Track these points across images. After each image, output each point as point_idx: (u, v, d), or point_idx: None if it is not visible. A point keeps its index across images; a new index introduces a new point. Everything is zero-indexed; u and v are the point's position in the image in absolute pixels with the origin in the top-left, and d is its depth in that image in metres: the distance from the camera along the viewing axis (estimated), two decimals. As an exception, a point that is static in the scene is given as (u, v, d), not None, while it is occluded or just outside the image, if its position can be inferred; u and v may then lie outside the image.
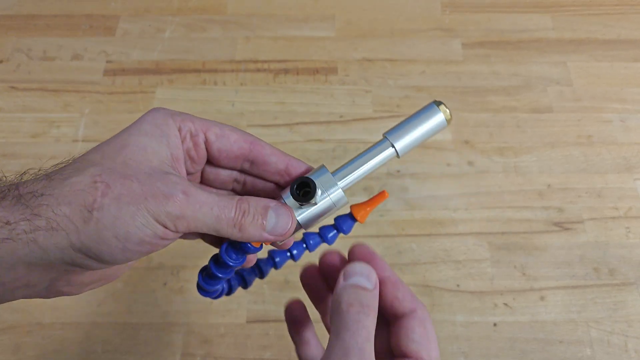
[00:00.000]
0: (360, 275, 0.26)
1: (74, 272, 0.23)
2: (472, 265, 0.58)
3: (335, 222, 0.30)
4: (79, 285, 0.25)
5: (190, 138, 0.27)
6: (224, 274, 0.27)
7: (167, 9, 0.79)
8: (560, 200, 0.62)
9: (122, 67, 0.73)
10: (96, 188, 0.22)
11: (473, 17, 0.78)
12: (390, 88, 0.71)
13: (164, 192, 0.23)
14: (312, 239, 0.31)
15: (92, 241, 0.21)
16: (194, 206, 0.23)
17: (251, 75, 0.72)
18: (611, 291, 0.56)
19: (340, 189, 0.26)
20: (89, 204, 0.21)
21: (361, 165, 0.27)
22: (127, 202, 0.22)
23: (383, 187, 0.63)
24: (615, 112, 0.69)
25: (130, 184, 0.22)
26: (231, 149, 0.27)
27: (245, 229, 0.24)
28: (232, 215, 0.24)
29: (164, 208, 0.22)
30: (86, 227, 0.21)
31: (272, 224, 0.25)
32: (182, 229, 0.23)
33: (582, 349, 0.53)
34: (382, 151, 0.27)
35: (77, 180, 0.22)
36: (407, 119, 0.27)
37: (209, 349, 0.53)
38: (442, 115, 0.26)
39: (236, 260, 0.27)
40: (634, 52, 0.74)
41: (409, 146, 0.27)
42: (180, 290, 0.56)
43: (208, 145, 0.27)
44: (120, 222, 0.21)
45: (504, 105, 0.70)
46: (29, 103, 0.69)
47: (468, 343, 0.54)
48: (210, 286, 0.28)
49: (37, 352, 0.53)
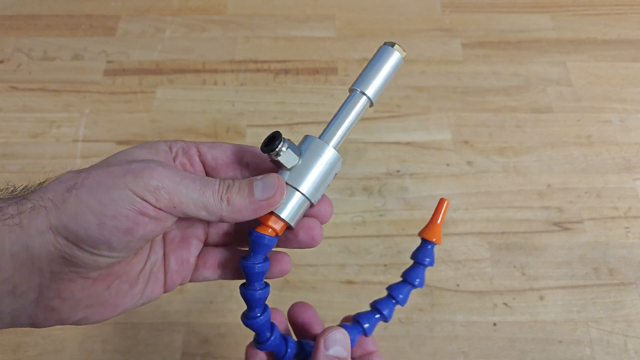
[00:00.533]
0: (339, 345, 0.27)
1: (62, 280, 0.23)
2: (472, 265, 0.58)
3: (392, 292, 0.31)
4: (71, 302, 0.24)
5: (183, 153, 0.27)
6: (252, 287, 0.27)
7: (167, 9, 0.79)
8: (560, 200, 0.62)
9: (123, 67, 0.73)
10: (79, 175, 0.23)
11: (473, 17, 0.78)
12: (390, 88, 0.71)
13: (140, 167, 0.23)
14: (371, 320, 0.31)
15: (68, 217, 0.22)
16: (173, 177, 0.23)
17: (251, 75, 0.72)
18: (611, 291, 0.57)
19: (331, 147, 0.26)
20: (70, 186, 0.22)
21: (343, 122, 0.27)
22: (105, 181, 0.22)
23: (383, 186, 0.63)
24: (615, 112, 0.69)
25: (110, 168, 0.23)
26: (225, 154, 0.28)
27: (233, 201, 0.24)
28: (217, 187, 0.24)
29: (141, 180, 0.22)
30: (64, 205, 0.22)
31: (260, 189, 0.25)
32: (164, 202, 0.23)
33: (582, 348, 0.53)
34: (357, 103, 0.27)
35: (65, 175, 0.23)
36: (367, 67, 0.28)
37: (208, 349, 0.53)
38: (398, 53, 0.27)
39: (256, 262, 0.26)
40: (633, 52, 0.75)
41: (379, 90, 0.27)
42: (180, 290, 0.56)
43: (202, 157, 0.28)
44: (97, 196, 0.22)
45: (504, 105, 0.70)
46: (29, 103, 0.69)
47: (468, 343, 0.54)
48: (251, 316, 0.27)
49: (37, 352, 0.53)
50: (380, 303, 0.30)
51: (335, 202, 0.62)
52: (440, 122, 0.68)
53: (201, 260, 0.29)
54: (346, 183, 0.63)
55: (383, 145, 0.66)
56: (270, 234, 0.26)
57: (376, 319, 0.30)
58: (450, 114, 0.69)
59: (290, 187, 0.26)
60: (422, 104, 0.70)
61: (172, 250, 0.28)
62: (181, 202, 0.23)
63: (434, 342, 0.54)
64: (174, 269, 0.28)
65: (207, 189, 0.24)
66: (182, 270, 0.28)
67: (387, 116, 0.68)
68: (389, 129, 0.67)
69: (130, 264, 0.26)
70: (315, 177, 0.26)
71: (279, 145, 0.25)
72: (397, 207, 0.62)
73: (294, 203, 0.26)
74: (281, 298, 0.55)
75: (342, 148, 0.66)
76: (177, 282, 0.28)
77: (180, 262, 0.28)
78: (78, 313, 0.25)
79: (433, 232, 0.30)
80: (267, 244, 0.26)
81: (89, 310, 0.25)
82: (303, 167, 0.26)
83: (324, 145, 0.26)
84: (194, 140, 0.28)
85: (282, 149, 0.25)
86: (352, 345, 0.29)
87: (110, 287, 0.25)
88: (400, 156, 0.65)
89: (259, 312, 0.27)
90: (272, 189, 0.25)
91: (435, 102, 0.70)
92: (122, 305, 0.26)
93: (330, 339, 0.27)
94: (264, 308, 0.27)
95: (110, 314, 0.26)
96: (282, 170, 0.26)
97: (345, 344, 0.28)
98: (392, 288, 0.30)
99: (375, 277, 0.57)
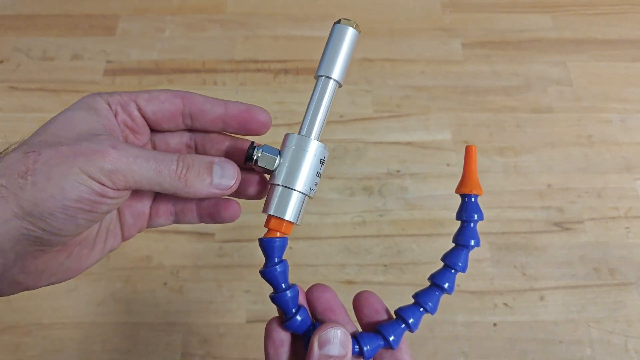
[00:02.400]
0: (334, 343, 0.25)
1: (26, 257, 0.23)
2: (472, 265, 0.58)
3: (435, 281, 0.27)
4: (35, 274, 0.25)
5: (122, 110, 0.27)
6: (280, 289, 0.26)
7: (166, 8, 0.79)
8: (561, 200, 0.62)
9: (122, 67, 0.73)
10: (27, 157, 0.22)
11: (473, 17, 0.78)
12: (390, 88, 0.71)
13: (92, 149, 0.23)
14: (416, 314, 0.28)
15: (31, 205, 0.22)
16: (126, 159, 0.23)
17: (251, 75, 0.72)
18: (611, 291, 0.56)
19: (313, 139, 0.27)
20: (22, 171, 0.22)
21: (318, 111, 0.27)
22: (57, 164, 0.22)
23: (383, 186, 0.63)
24: (615, 112, 0.69)
25: (59, 147, 0.23)
26: (164, 107, 0.27)
27: (191, 183, 0.25)
28: (175, 168, 0.24)
29: (94, 163, 0.22)
30: (23, 193, 0.22)
31: (218, 177, 0.25)
32: (120, 184, 0.23)
33: (582, 348, 0.53)
34: (326, 88, 0.27)
35: (11, 155, 0.23)
36: (326, 51, 0.28)
37: (208, 349, 0.53)
38: (351, 28, 0.27)
39: (275, 265, 0.26)
40: (634, 52, 0.74)
41: (343, 70, 0.27)
42: (180, 290, 0.56)
43: (141, 111, 0.27)
44: (54, 182, 0.22)
45: (504, 105, 0.70)
46: (29, 103, 0.69)
47: (468, 343, 0.54)
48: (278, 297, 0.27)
49: (37, 352, 0.53)
50: (408, 310, 0.27)
51: (335, 202, 0.62)
52: (440, 122, 0.68)
53: (154, 209, 0.30)
54: (346, 183, 0.63)
55: (383, 145, 0.66)
56: (280, 236, 0.27)
57: (402, 329, 0.27)
58: (450, 114, 0.69)
59: (286, 188, 0.26)
60: (422, 104, 0.69)
61: (126, 206, 0.29)
62: (136, 181, 0.23)
63: (434, 342, 0.54)
64: (130, 223, 0.29)
65: (164, 168, 0.24)
66: (137, 222, 0.29)
67: (387, 116, 0.68)
68: (389, 129, 0.67)
69: (87, 231, 0.27)
70: (306, 172, 0.26)
71: (252, 153, 0.26)
72: (397, 207, 0.62)
73: (294, 202, 0.26)
74: (281, 298, 0.55)
75: (342, 148, 0.66)
76: (135, 232, 0.29)
77: (135, 215, 0.29)
78: (42, 281, 0.26)
79: (472, 183, 0.27)
80: (279, 245, 0.26)
81: (53, 277, 0.26)
82: (292, 166, 0.26)
83: (306, 140, 0.26)
84: None
85: (258, 155, 0.26)
86: (369, 356, 0.27)
87: (71, 255, 0.26)
88: (401, 156, 0.65)
89: (295, 311, 0.27)
90: (231, 179, 0.26)
91: (435, 102, 0.70)
92: (85, 266, 0.27)
93: (325, 336, 0.26)
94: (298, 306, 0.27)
95: (74, 275, 0.27)
96: (272, 176, 0.27)
97: (344, 342, 0.26)
98: (435, 276, 0.28)
99: (375, 277, 0.57)
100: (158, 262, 0.58)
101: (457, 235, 0.28)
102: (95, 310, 0.55)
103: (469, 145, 0.28)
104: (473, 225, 0.28)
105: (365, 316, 0.28)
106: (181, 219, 0.30)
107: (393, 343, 0.26)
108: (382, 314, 0.28)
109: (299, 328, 0.27)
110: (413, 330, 0.27)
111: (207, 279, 0.56)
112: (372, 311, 0.28)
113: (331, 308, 0.28)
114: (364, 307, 0.28)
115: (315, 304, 0.28)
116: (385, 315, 0.28)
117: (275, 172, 0.26)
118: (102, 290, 0.56)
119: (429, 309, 0.27)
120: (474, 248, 0.28)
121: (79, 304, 0.55)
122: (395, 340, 0.27)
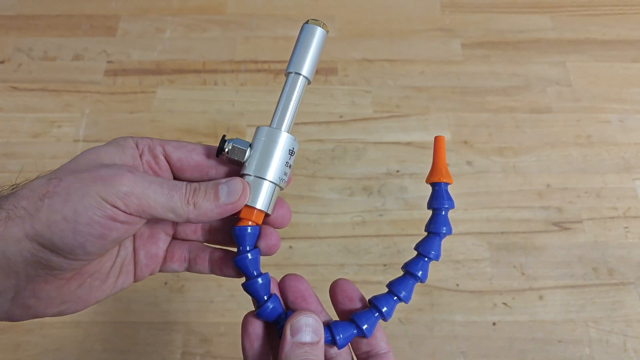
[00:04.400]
0: (306, 330, 0.26)
1: (37, 281, 0.24)
2: (471, 265, 0.58)
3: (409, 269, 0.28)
4: (46, 300, 0.25)
5: (149, 151, 0.28)
6: (251, 276, 0.27)
7: (167, 9, 0.79)
8: (560, 200, 0.62)
9: (123, 67, 0.73)
10: (50, 183, 0.23)
11: (473, 17, 0.78)
12: (390, 88, 0.71)
13: (110, 174, 0.24)
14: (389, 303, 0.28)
15: (43, 226, 0.22)
16: (142, 183, 0.24)
17: (251, 76, 0.72)
18: (610, 291, 0.57)
19: (283, 131, 0.28)
20: (42, 194, 0.23)
21: (288, 105, 0.28)
22: (76, 188, 0.23)
23: (382, 186, 0.63)
24: (614, 112, 0.69)
25: (80, 174, 0.24)
26: (190, 156, 0.28)
27: (199, 204, 0.25)
28: (184, 192, 0.25)
29: (111, 187, 0.23)
30: (38, 214, 0.22)
31: (225, 193, 0.26)
32: (133, 207, 0.24)
33: (581, 348, 0.53)
34: (295, 84, 0.28)
35: (35, 182, 0.24)
36: (296, 49, 0.29)
37: (208, 348, 0.53)
38: (319, 28, 0.29)
39: (247, 252, 0.27)
40: (633, 52, 0.75)
41: (312, 68, 0.29)
42: (180, 289, 0.56)
43: (167, 157, 0.28)
44: (69, 205, 0.23)
45: (504, 105, 0.70)
46: (30, 103, 0.70)
47: (467, 343, 0.54)
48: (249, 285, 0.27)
49: (37, 351, 0.53)
50: (381, 298, 0.28)
51: (335, 202, 0.62)
52: (440, 122, 0.68)
53: (169, 253, 0.30)
54: (346, 183, 0.63)
55: (383, 145, 0.66)
56: (252, 224, 0.27)
57: (375, 317, 0.28)
58: (449, 114, 0.69)
59: (257, 178, 0.27)
60: (422, 104, 0.70)
61: (141, 246, 0.29)
62: (150, 206, 0.24)
63: (433, 342, 0.54)
64: (143, 263, 0.29)
65: (175, 193, 0.25)
66: (151, 264, 0.30)
67: (386, 116, 0.69)
68: (388, 129, 0.68)
69: (101, 262, 0.27)
70: (277, 163, 0.27)
71: (223, 146, 0.27)
72: (396, 207, 0.62)
73: (265, 192, 0.27)
74: (281, 298, 0.55)
75: (341, 148, 0.66)
76: (147, 274, 0.30)
77: (149, 256, 0.30)
78: (52, 309, 0.26)
79: (441, 172, 0.28)
80: (252, 232, 0.27)
81: (63, 306, 0.26)
82: (262, 157, 0.27)
83: (277, 132, 0.28)
84: (193, 141, 0.29)
85: (229, 147, 0.27)
86: (342, 345, 0.27)
87: (83, 285, 0.27)
88: (400, 156, 0.65)
89: (267, 299, 0.28)
90: (237, 193, 0.26)
91: (435, 102, 0.70)
92: (95, 299, 0.28)
93: (297, 324, 0.26)
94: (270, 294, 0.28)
95: (84, 307, 0.27)
96: (243, 167, 0.28)
97: (316, 329, 0.26)
98: (409, 264, 0.28)
99: (375, 276, 0.57)
100: (158, 262, 0.58)
101: (429, 224, 0.29)
102: (95, 309, 0.55)
103: (438, 136, 0.29)
104: (444, 212, 0.28)
105: (340, 303, 0.29)
106: (193, 267, 0.31)
107: (367, 331, 0.27)
108: (356, 302, 0.29)
109: (270, 315, 0.28)
110: (386, 319, 0.28)
111: (208, 279, 0.57)
112: (346, 299, 0.29)
113: (303, 297, 0.29)
114: (338, 294, 0.29)
115: (287, 293, 0.29)
116: (360, 303, 0.29)
117: (246, 163, 0.27)
118: (103, 290, 0.56)
119: (402, 298, 0.28)
120: (446, 236, 0.28)
121: (79, 303, 0.55)
122: (369, 329, 0.27)
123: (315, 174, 0.64)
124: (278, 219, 0.29)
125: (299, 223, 0.60)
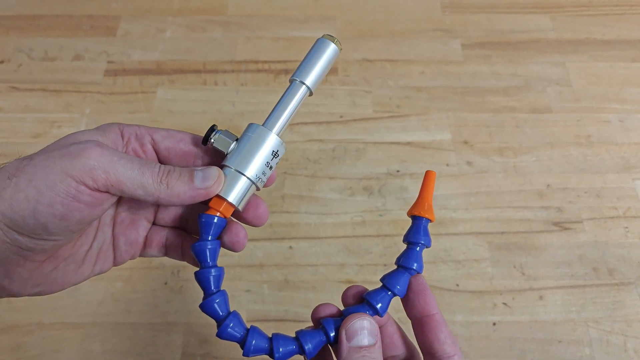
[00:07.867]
0: (362, 334, 0.25)
1: (10, 263, 0.24)
2: (471, 265, 0.58)
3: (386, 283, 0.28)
4: (19, 282, 0.25)
5: (136, 139, 0.27)
6: (206, 266, 0.27)
7: (167, 9, 0.79)
8: (560, 200, 0.62)
9: (123, 68, 0.73)
10: (21, 162, 0.23)
11: (473, 18, 0.78)
12: (390, 88, 0.71)
13: (79, 148, 0.23)
14: None
15: (7, 206, 0.22)
16: (111, 157, 0.23)
17: (252, 76, 0.72)
18: (610, 291, 0.57)
19: (273, 133, 0.28)
20: (11, 174, 0.22)
21: (284, 110, 0.28)
22: (43, 166, 0.22)
23: (383, 186, 0.63)
24: (614, 112, 0.69)
25: (51, 152, 0.23)
26: (178, 146, 0.28)
27: (172, 185, 0.25)
28: (157, 171, 0.25)
29: (78, 161, 0.22)
30: (3, 193, 0.22)
31: (199, 178, 0.26)
32: (101, 182, 0.23)
33: (581, 348, 0.53)
34: (297, 91, 0.29)
35: (11, 163, 0.23)
36: (306, 58, 0.29)
37: (208, 349, 0.53)
38: (334, 46, 0.29)
39: (207, 241, 0.27)
40: (633, 52, 0.75)
41: (317, 80, 0.29)
42: (180, 289, 0.56)
43: (155, 145, 0.28)
44: (33, 183, 0.22)
45: (504, 105, 0.70)
46: (30, 103, 0.70)
47: (467, 343, 0.54)
48: (206, 297, 0.27)
49: (37, 352, 0.53)
50: (374, 294, 0.28)
51: (335, 202, 0.62)
52: (440, 123, 0.68)
53: (148, 239, 0.30)
54: (346, 183, 0.63)
55: (383, 146, 0.66)
56: (219, 216, 0.27)
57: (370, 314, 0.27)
58: (450, 114, 0.69)
59: (236, 172, 0.27)
60: (422, 105, 0.70)
61: (121, 232, 0.29)
62: (118, 180, 0.23)
63: (433, 342, 0.54)
64: (123, 249, 0.29)
65: (147, 170, 0.24)
66: (130, 250, 0.30)
67: (387, 116, 0.69)
68: (388, 129, 0.68)
69: (75, 246, 0.27)
70: (258, 161, 0.27)
71: (209, 134, 0.27)
72: (397, 207, 0.62)
73: (240, 187, 0.27)
74: (281, 298, 0.55)
75: (342, 148, 0.66)
76: (127, 259, 0.30)
77: (129, 242, 0.29)
78: (27, 290, 0.26)
79: (425, 207, 0.27)
80: (217, 223, 0.27)
81: (38, 288, 0.26)
82: (246, 152, 0.27)
83: (266, 132, 0.28)
84: None
85: (215, 137, 0.27)
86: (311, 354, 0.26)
87: (57, 268, 0.26)
88: (400, 156, 0.65)
89: (215, 291, 0.27)
90: (212, 180, 0.26)
91: (435, 102, 0.70)
92: (71, 282, 0.27)
93: (352, 328, 0.25)
94: (221, 292, 0.28)
95: (60, 289, 0.27)
96: (225, 158, 0.28)
97: (372, 330, 0.25)
98: (386, 277, 0.28)
99: (375, 276, 0.57)
100: (159, 262, 0.58)
101: (400, 257, 0.28)
102: (95, 310, 0.55)
103: (429, 171, 0.28)
104: (419, 249, 0.28)
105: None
106: (172, 253, 0.31)
107: (381, 310, 0.27)
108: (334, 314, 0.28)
109: (231, 336, 0.27)
110: (381, 315, 0.27)
111: (207, 279, 0.57)
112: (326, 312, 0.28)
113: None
114: (350, 299, 0.29)
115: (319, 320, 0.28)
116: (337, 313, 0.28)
117: (229, 156, 0.27)
118: (102, 290, 0.56)
119: (379, 309, 0.27)
120: (415, 273, 0.27)
121: (79, 303, 0.55)
122: (383, 308, 0.27)
123: (316, 174, 0.64)
124: (255, 218, 0.29)
125: (299, 223, 0.60)
